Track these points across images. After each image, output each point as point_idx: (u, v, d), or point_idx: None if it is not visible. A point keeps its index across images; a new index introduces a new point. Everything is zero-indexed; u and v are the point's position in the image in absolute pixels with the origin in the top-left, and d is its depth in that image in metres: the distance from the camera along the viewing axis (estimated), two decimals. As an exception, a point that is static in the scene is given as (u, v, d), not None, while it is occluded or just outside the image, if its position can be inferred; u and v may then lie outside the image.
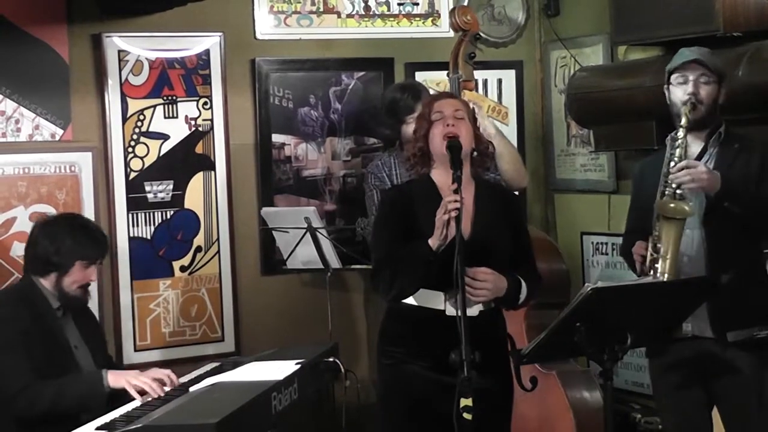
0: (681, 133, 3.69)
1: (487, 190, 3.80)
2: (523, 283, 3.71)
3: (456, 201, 3.43)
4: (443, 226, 3.49)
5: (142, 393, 3.75)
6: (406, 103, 4.59)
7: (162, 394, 3.76)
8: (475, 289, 3.55)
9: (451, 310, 3.57)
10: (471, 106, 3.88)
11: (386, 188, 4.40)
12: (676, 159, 3.66)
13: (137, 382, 3.76)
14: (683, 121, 3.68)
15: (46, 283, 3.93)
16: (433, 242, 3.52)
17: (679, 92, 3.75)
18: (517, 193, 4.95)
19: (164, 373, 3.88)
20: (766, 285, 3.81)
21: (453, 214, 3.44)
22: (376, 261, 3.74)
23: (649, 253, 3.65)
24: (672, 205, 3.62)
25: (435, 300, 3.62)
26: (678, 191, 3.64)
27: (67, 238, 3.92)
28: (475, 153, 3.73)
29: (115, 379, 3.79)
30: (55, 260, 3.90)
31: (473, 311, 3.56)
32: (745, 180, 3.71)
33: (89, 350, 4.02)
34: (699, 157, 3.76)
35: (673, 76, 3.78)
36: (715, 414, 3.90)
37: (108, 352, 4.22)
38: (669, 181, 3.65)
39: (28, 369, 3.76)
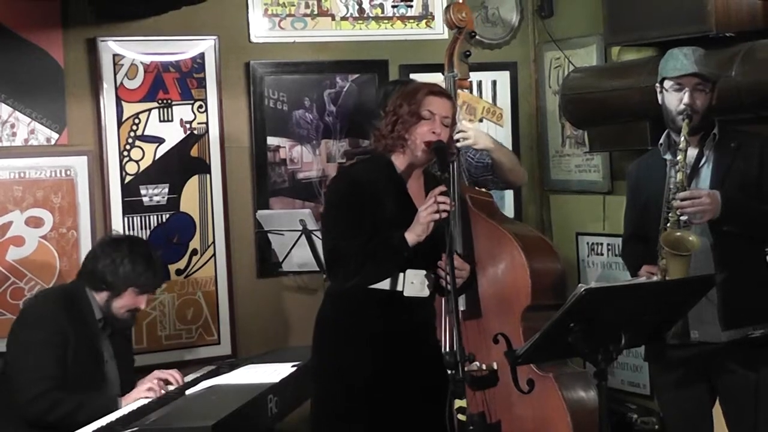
0: (682, 145, 3.67)
1: (433, 180, 3.78)
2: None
3: (446, 203, 3.45)
4: (428, 224, 3.49)
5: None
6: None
7: (163, 391, 3.89)
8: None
9: (409, 291, 3.58)
10: (458, 108, 3.92)
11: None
12: (678, 183, 3.66)
13: (146, 385, 3.92)
14: (683, 132, 3.67)
15: (96, 296, 4.00)
16: (411, 237, 3.52)
17: (673, 100, 3.75)
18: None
19: (168, 373, 4.03)
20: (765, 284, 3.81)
21: (443, 215, 3.45)
22: (334, 246, 3.64)
23: (657, 278, 3.65)
24: (678, 234, 3.61)
25: (392, 280, 3.60)
26: (682, 218, 3.64)
27: (128, 263, 4.00)
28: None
29: (127, 401, 3.90)
30: (110, 281, 3.98)
31: (425, 292, 3.63)
32: (745, 183, 3.72)
33: (118, 367, 4.07)
34: (696, 162, 3.76)
35: (667, 83, 3.78)
36: (716, 412, 3.90)
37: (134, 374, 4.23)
38: (671, 208, 3.65)
39: (52, 373, 3.80)
